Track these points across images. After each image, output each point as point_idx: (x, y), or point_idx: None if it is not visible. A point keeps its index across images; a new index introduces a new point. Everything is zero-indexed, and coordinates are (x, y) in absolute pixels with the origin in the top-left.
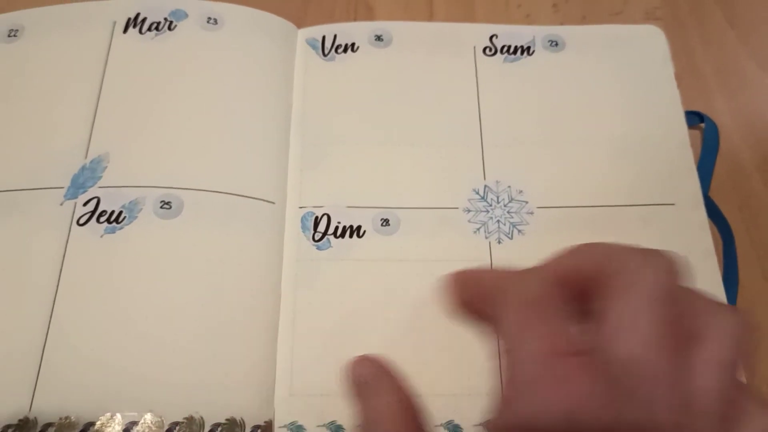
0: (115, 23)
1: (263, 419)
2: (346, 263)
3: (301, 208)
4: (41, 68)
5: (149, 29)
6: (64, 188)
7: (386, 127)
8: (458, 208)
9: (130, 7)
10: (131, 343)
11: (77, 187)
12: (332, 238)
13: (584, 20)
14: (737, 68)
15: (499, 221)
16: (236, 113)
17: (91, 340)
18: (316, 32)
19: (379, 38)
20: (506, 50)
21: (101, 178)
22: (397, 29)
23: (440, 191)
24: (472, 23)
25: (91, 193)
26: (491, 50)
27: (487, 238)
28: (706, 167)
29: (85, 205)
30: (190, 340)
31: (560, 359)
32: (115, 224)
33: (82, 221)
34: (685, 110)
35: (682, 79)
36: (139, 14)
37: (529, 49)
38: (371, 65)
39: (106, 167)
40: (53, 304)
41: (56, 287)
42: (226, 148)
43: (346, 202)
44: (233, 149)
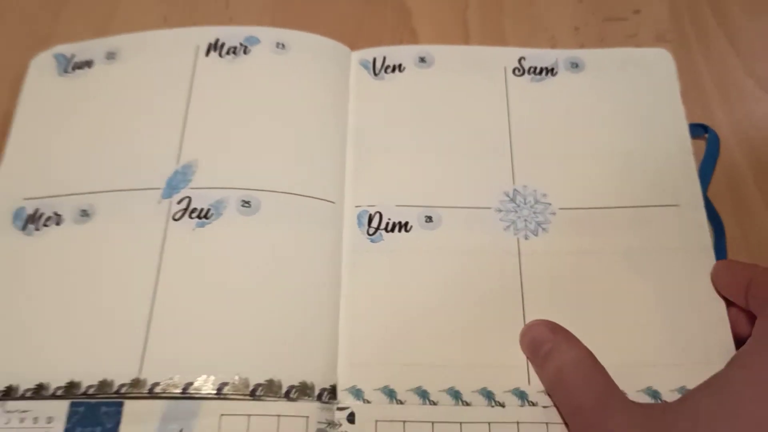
0: (198, 47)
1: (329, 383)
2: (395, 254)
3: (356, 207)
4: (137, 86)
5: (227, 53)
6: (160, 189)
7: (429, 137)
8: (491, 208)
9: (210, 33)
10: (221, 317)
11: (172, 188)
12: (384, 232)
13: (602, 42)
14: (737, 86)
15: (526, 220)
16: (301, 125)
17: (187, 314)
18: (367, 54)
19: (422, 60)
20: (533, 71)
21: (191, 180)
22: (438, 52)
23: (475, 193)
24: (503, 47)
25: (183, 193)
26: (520, 71)
27: (515, 234)
28: (706, 172)
29: (179, 203)
30: (267, 316)
31: None
32: (204, 219)
33: (177, 217)
34: (690, 123)
35: (687, 95)
36: (218, 40)
37: (552, 70)
38: (416, 84)
39: (195, 171)
40: (156, 284)
41: (158, 270)
42: (294, 155)
43: (395, 201)
44: (300, 156)
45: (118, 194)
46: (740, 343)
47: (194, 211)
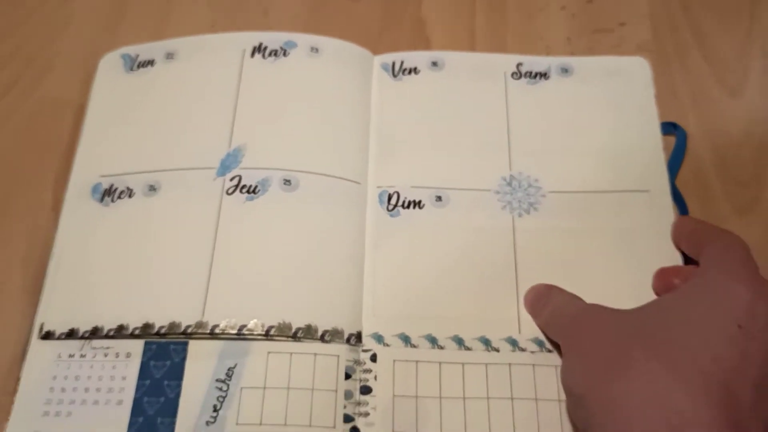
0: (244, 50)
1: (355, 330)
2: (410, 227)
3: (378, 187)
4: (193, 82)
5: (270, 55)
6: (215, 168)
7: (439, 129)
8: (490, 190)
9: (255, 38)
10: (267, 273)
11: (225, 167)
12: (401, 209)
13: (591, 51)
14: (706, 91)
15: (520, 201)
16: (332, 117)
17: (240, 271)
18: (387, 58)
19: (434, 64)
20: (529, 75)
21: (241, 162)
22: (448, 57)
23: (478, 178)
24: (504, 54)
25: (234, 172)
26: (518, 75)
27: (510, 213)
28: (675, 163)
29: (231, 180)
30: (305, 273)
31: None
32: (252, 194)
33: (229, 192)
34: (662, 122)
35: (663, 97)
36: (261, 43)
37: (546, 74)
38: (428, 84)
39: (244, 154)
40: (213, 246)
41: (215, 235)
42: (326, 142)
43: (410, 183)
44: (331, 144)
45: (180, 172)
46: None
47: (244, 187)
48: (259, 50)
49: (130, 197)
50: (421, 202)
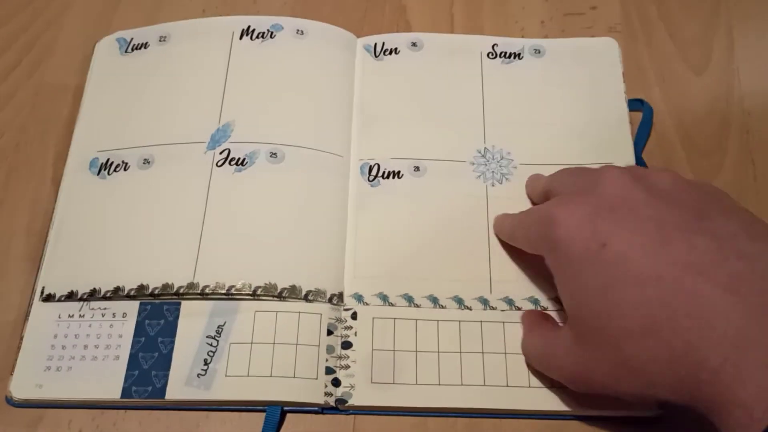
0: (233, 32)
1: (337, 290)
2: (390, 195)
3: (360, 160)
4: (185, 63)
5: (257, 37)
6: (205, 142)
7: (418, 106)
8: (465, 161)
9: (243, 21)
10: (255, 238)
11: (215, 142)
12: (381, 179)
13: (563, 33)
14: (672, 69)
15: (493, 172)
16: (317, 95)
17: (229, 236)
18: (370, 40)
19: (414, 44)
20: (503, 55)
21: (230, 136)
22: (427, 38)
23: (454, 150)
24: (480, 35)
25: (224, 146)
26: (493, 55)
27: (484, 182)
28: (641, 136)
29: (221, 153)
30: (291, 238)
31: None
32: (241, 166)
33: (219, 164)
34: (630, 98)
35: (631, 75)
36: (249, 26)
37: (519, 55)
38: (408, 64)
39: (233, 129)
40: (204, 213)
41: (205, 203)
42: (311, 118)
43: (390, 155)
44: (316, 120)
45: (172, 146)
46: None
47: (233, 159)
48: (247, 33)
49: (125, 170)
50: (399, 172)
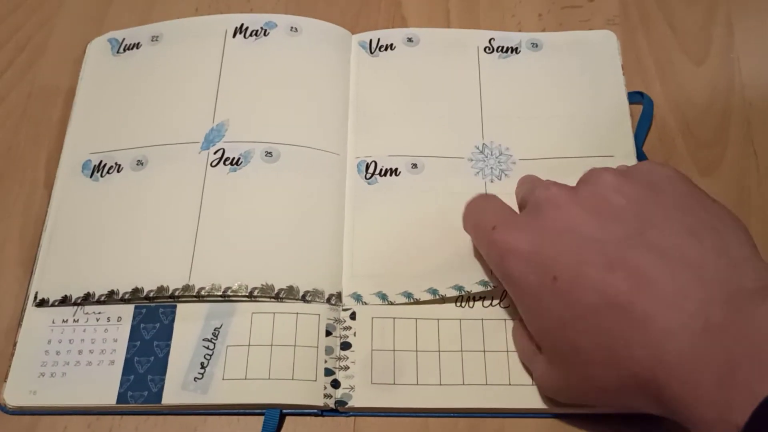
0: (226, 31)
1: (335, 290)
2: (387, 193)
3: (357, 158)
4: (177, 62)
5: (251, 35)
6: (200, 142)
7: (414, 102)
8: (464, 158)
9: (236, 19)
10: (251, 239)
11: (209, 141)
12: (378, 176)
13: (561, 26)
14: (672, 61)
15: (492, 168)
16: (312, 93)
17: (225, 237)
18: (365, 36)
19: (410, 40)
20: (500, 50)
21: (225, 136)
22: (423, 33)
23: (452, 146)
24: (477, 30)
25: (218, 145)
26: (490, 49)
27: (483, 179)
28: (642, 129)
29: (215, 153)
30: (287, 238)
31: None
32: (235, 166)
33: (214, 164)
34: (629, 91)
35: (630, 68)
36: (243, 24)
37: (516, 49)
38: (404, 60)
39: (227, 129)
40: (199, 214)
41: (200, 204)
42: (306, 116)
43: (387, 152)
44: (311, 117)
45: (166, 147)
46: None
47: (227, 159)
48: (240, 31)
49: (118, 172)
50: (397, 169)
